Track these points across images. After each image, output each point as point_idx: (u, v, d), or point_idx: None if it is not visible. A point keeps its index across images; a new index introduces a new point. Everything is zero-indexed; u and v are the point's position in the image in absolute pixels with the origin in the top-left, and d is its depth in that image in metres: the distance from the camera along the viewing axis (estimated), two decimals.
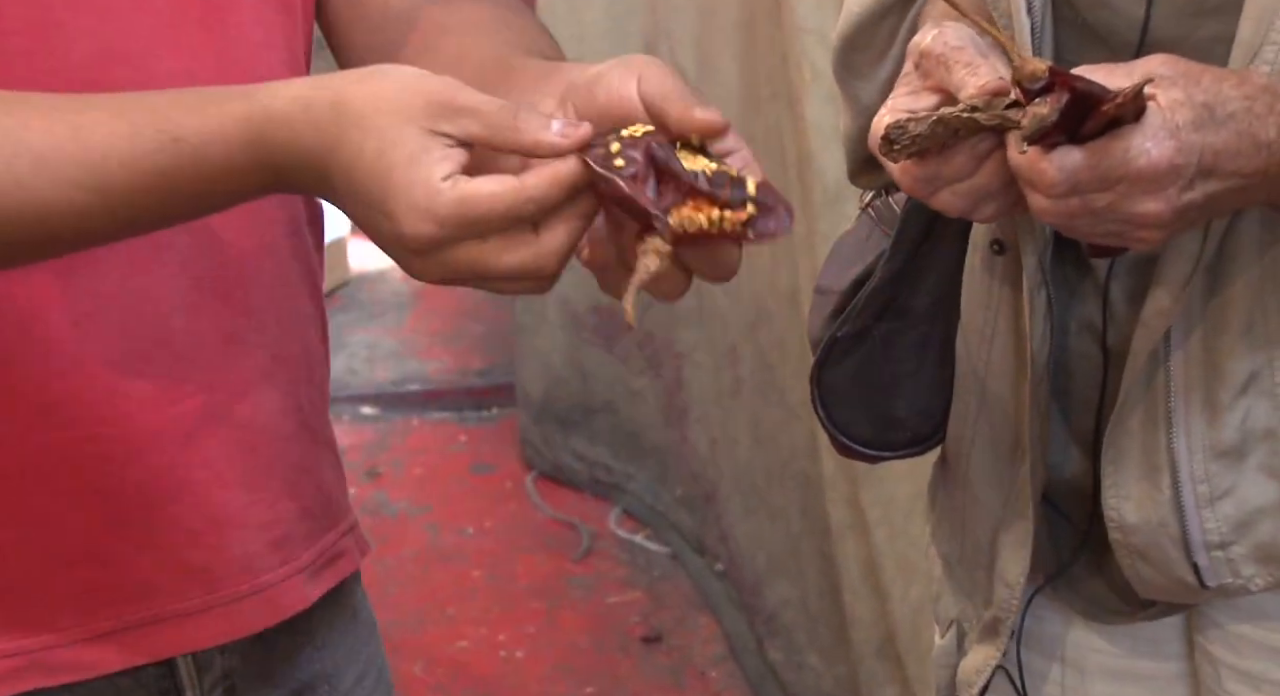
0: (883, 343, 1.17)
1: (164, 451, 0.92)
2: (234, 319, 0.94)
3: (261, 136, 0.78)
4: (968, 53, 0.91)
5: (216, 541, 0.95)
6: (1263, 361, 1.00)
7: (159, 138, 0.78)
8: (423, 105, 0.75)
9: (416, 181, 0.74)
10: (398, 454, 3.39)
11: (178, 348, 0.92)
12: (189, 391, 0.93)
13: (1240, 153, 0.88)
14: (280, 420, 0.98)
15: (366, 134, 0.75)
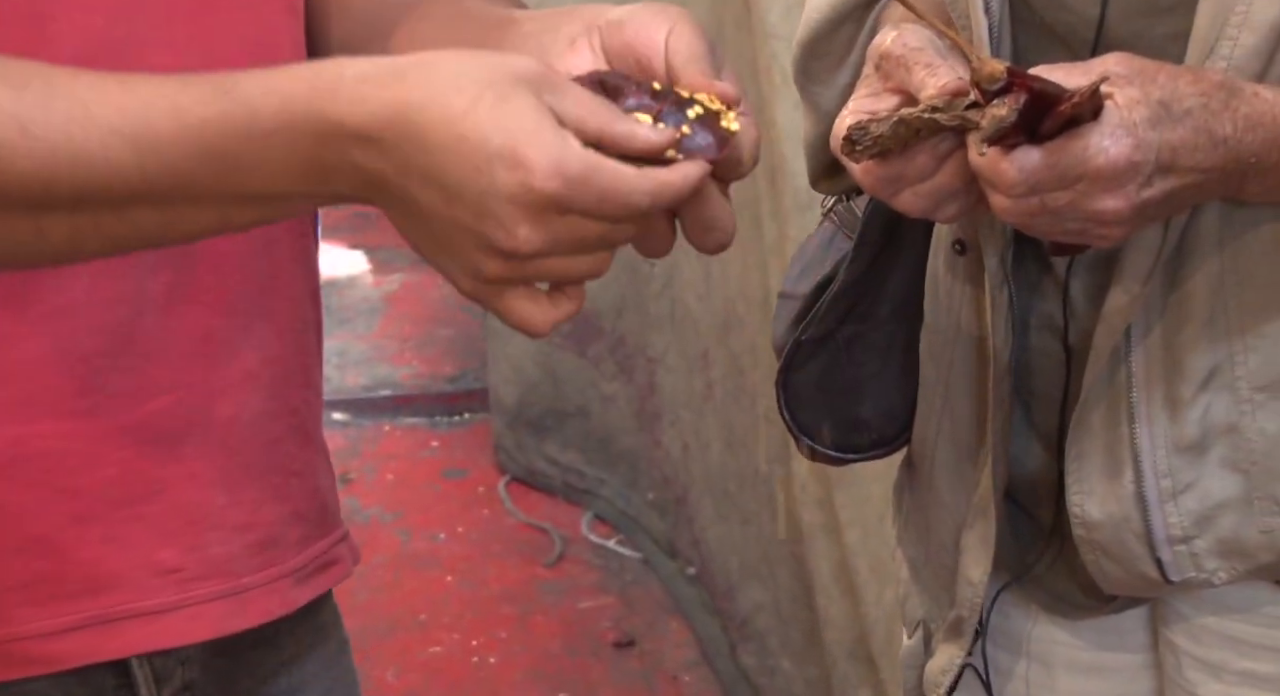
0: (846, 345, 1.18)
1: (136, 449, 0.91)
2: (211, 319, 0.93)
3: (328, 91, 0.73)
4: (927, 54, 0.92)
5: (191, 541, 0.94)
6: (1223, 356, 1.00)
7: (205, 88, 0.74)
8: (522, 72, 0.73)
9: (549, 134, 0.71)
10: (369, 460, 3.38)
11: (150, 346, 0.91)
12: (162, 390, 0.92)
13: (1198, 148, 0.89)
14: (268, 422, 0.97)
15: (482, 87, 0.72)
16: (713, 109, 0.78)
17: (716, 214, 0.79)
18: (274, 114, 0.74)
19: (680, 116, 0.77)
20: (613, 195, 0.72)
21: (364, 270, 4.13)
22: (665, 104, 0.78)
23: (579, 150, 0.72)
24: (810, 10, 1.14)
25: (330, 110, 0.73)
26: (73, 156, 0.74)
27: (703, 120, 0.77)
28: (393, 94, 0.73)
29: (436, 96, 0.72)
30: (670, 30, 0.81)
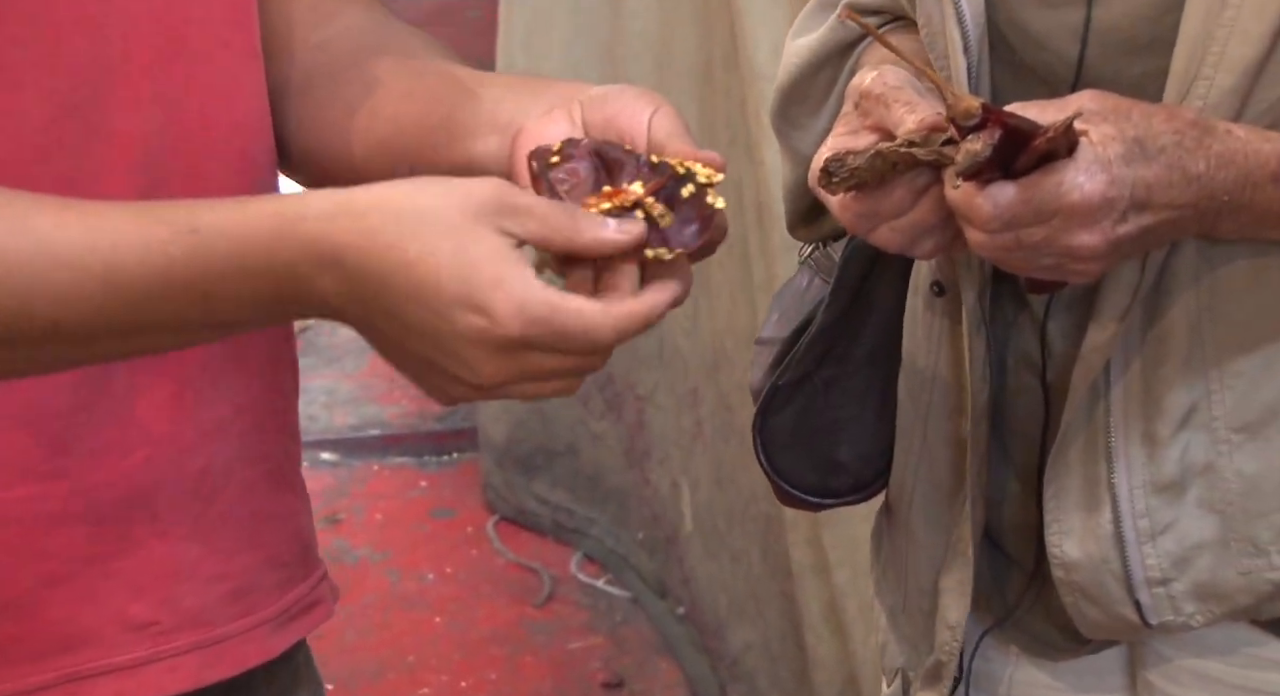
0: (824, 388, 1.18)
1: (107, 508, 0.90)
2: (183, 373, 0.92)
3: (290, 228, 0.75)
4: (907, 92, 0.93)
5: (164, 595, 0.93)
6: (1201, 394, 1.00)
7: (171, 228, 0.76)
8: (480, 204, 0.75)
9: (508, 276, 0.73)
10: (358, 500, 3.37)
11: (120, 403, 0.90)
12: (133, 446, 0.91)
13: (1172, 185, 0.89)
14: (242, 469, 0.96)
15: (440, 232, 0.74)
16: (702, 183, 0.80)
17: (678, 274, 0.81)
18: (240, 256, 0.75)
19: (674, 194, 0.80)
20: (577, 334, 0.74)
21: None
22: (664, 178, 0.80)
23: (540, 293, 0.74)
24: (789, 56, 1.14)
25: (295, 256, 0.75)
26: (43, 292, 0.76)
27: (693, 201, 0.80)
28: (352, 240, 0.74)
29: (395, 242, 0.74)
30: (655, 110, 0.83)
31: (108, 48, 0.88)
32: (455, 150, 0.91)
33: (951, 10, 0.99)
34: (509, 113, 0.89)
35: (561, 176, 0.81)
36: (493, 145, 0.90)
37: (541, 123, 0.87)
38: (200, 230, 0.76)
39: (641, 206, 0.79)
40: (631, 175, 0.81)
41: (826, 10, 1.14)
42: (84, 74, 0.87)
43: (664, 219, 0.79)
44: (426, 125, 0.93)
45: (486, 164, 0.90)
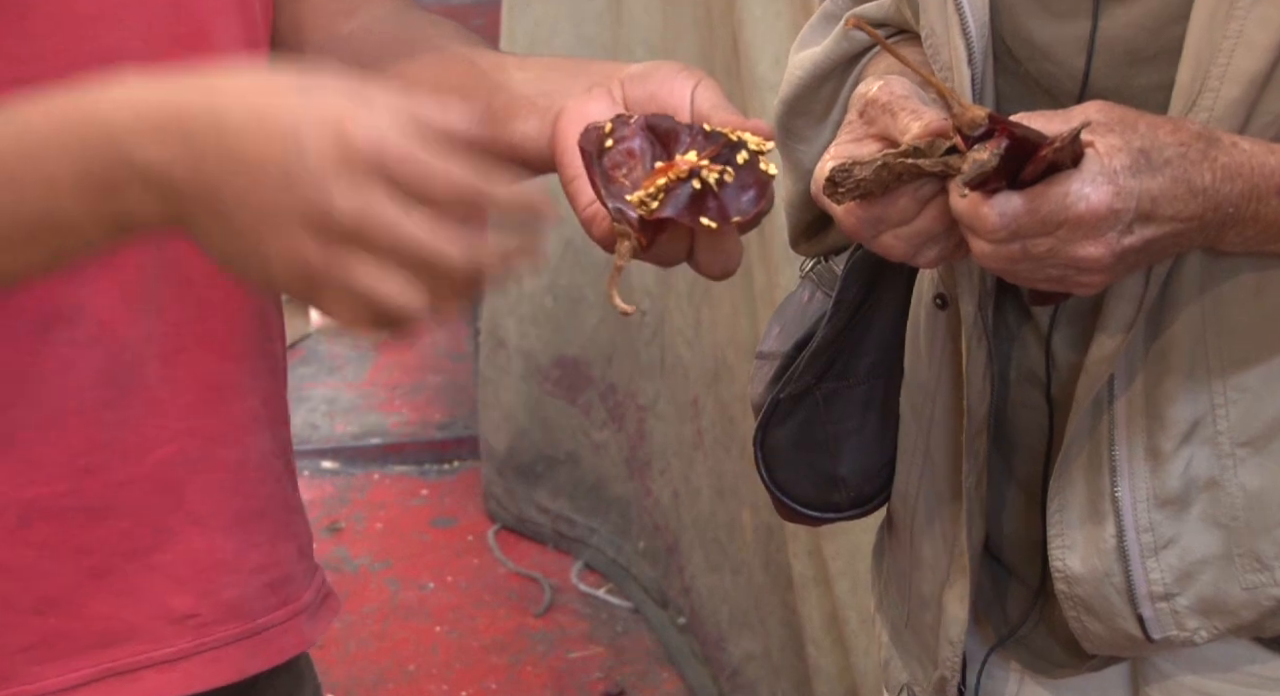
0: (825, 402, 1.17)
1: (147, 499, 0.91)
2: (219, 365, 0.93)
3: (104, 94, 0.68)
4: (912, 101, 0.93)
5: (206, 586, 0.94)
6: (1205, 408, 1.00)
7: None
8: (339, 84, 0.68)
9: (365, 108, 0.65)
10: (358, 508, 3.36)
11: (154, 396, 0.91)
12: (168, 438, 0.92)
13: (1177, 197, 0.89)
14: (271, 461, 0.98)
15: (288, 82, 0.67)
16: (755, 150, 0.80)
17: (729, 243, 0.81)
18: (44, 122, 0.69)
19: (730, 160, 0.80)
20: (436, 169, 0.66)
21: None
22: (718, 145, 0.80)
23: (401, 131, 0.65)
24: (793, 68, 1.14)
25: (106, 110, 0.68)
26: None
27: (749, 165, 0.80)
28: (176, 85, 0.68)
29: (230, 85, 0.67)
30: (697, 83, 0.84)
31: (130, 43, 0.88)
32: (494, 133, 0.91)
33: (956, 21, 0.99)
34: (547, 94, 0.89)
35: (618, 159, 0.81)
36: (533, 127, 0.89)
37: (582, 101, 0.86)
38: (5, 110, 0.71)
39: (698, 174, 0.79)
40: (686, 145, 0.81)
41: (830, 23, 1.14)
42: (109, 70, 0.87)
43: (726, 174, 0.79)
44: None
45: (527, 146, 0.89)
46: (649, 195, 0.79)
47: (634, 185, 0.81)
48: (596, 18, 2.72)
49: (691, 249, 0.83)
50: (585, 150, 0.82)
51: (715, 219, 0.79)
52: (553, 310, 2.98)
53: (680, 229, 0.81)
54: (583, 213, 0.85)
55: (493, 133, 0.90)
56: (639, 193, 0.80)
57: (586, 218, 0.85)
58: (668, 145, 0.81)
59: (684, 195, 0.79)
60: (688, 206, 0.79)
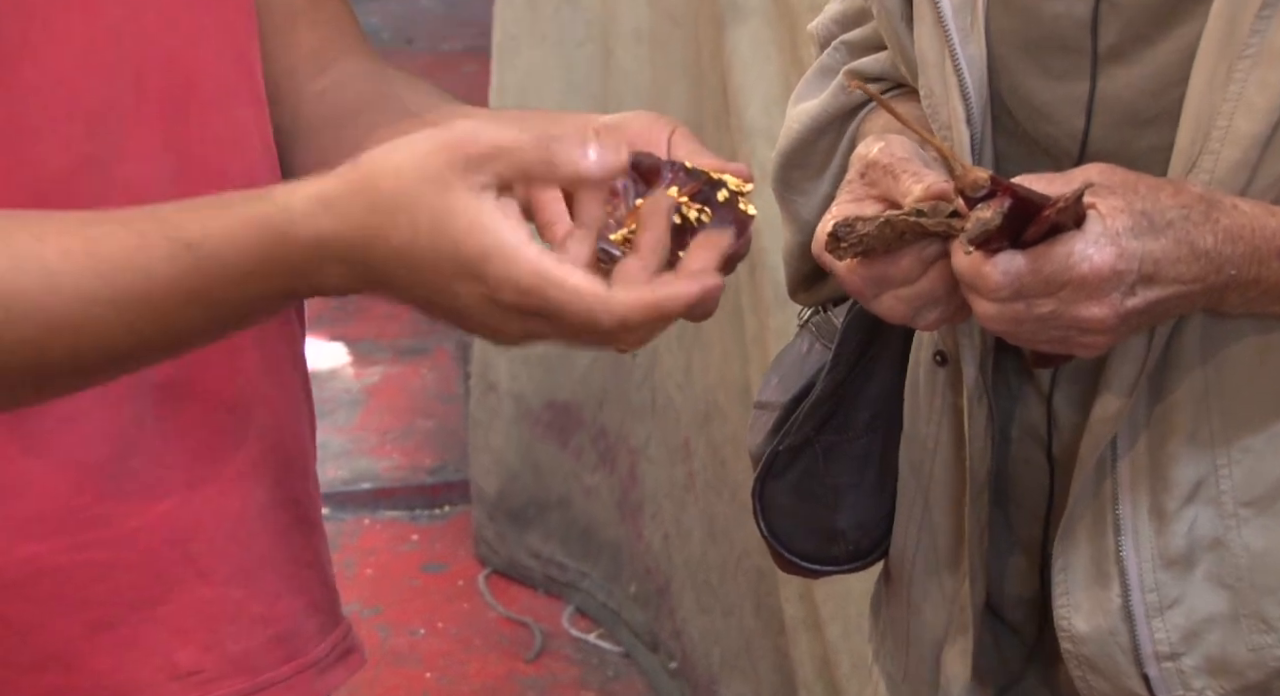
0: (824, 455, 1.17)
1: (149, 552, 0.91)
2: (215, 415, 0.93)
3: (283, 238, 0.74)
4: (913, 163, 0.93)
5: (209, 639, 0.93)
6: (1208, 468, 1.00)
7: (170, 245, 0.76)
8: (446, 163, 0.72)
9: (492, 245, 0.71)
10: (349, 554, 3.35)
11: (154, 448, 0.91)
12: (170, 490, 0.91)
13: (1180, 259, 0.89)
14: (275, 512, 0.97)
15: (415, 208, 0.72)
16: (735, 190, 0.81)
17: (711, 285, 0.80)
18: (238, 263, 0.75)
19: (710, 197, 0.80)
20: (574, 314, 0.72)
21: (345, 362, 4.12)
22: (699, 182, 0.81)
23: (529, 262, 0.71)
24: (790, 121, 1.15)
25: (295, 258, 0.74)
26: (59, 328, 0.76)
27: (728, 204, 0.80)
28: (342, 234, 0.74)
29: (378, 230, 0.73)
30: (673, 131, 0.85)
31: (122, 96, 0.88)
32: None
33: (954, 82, 1.00)
34: None
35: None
36: None
37: None
38: (195, 245, 0.75)
39: (678, 210, 0.79)
40: (668, 181, 0.81)
41: (827, 76, 1.14)
42: (101, 122, 0.88)
43: (704, 214, 0.79)
44: None
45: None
46: (631, 232, 0.80)
47: (618, 224, 0.81)
48: (586, 65, 2.74)
49: None
50: (566, 193, 0.82)
51: None
52: (543, 353, 2.98)
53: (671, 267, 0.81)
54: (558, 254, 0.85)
55: None
56: (622, 231, 0.80)
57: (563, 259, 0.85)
58: (650, 182, 0.82)
59: None
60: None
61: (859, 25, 1.14)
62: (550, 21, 2.72)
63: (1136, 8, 0.96)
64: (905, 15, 1.04)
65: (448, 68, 5.55)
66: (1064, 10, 0.98)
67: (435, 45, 6.00)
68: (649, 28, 2.54)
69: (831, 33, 1.16)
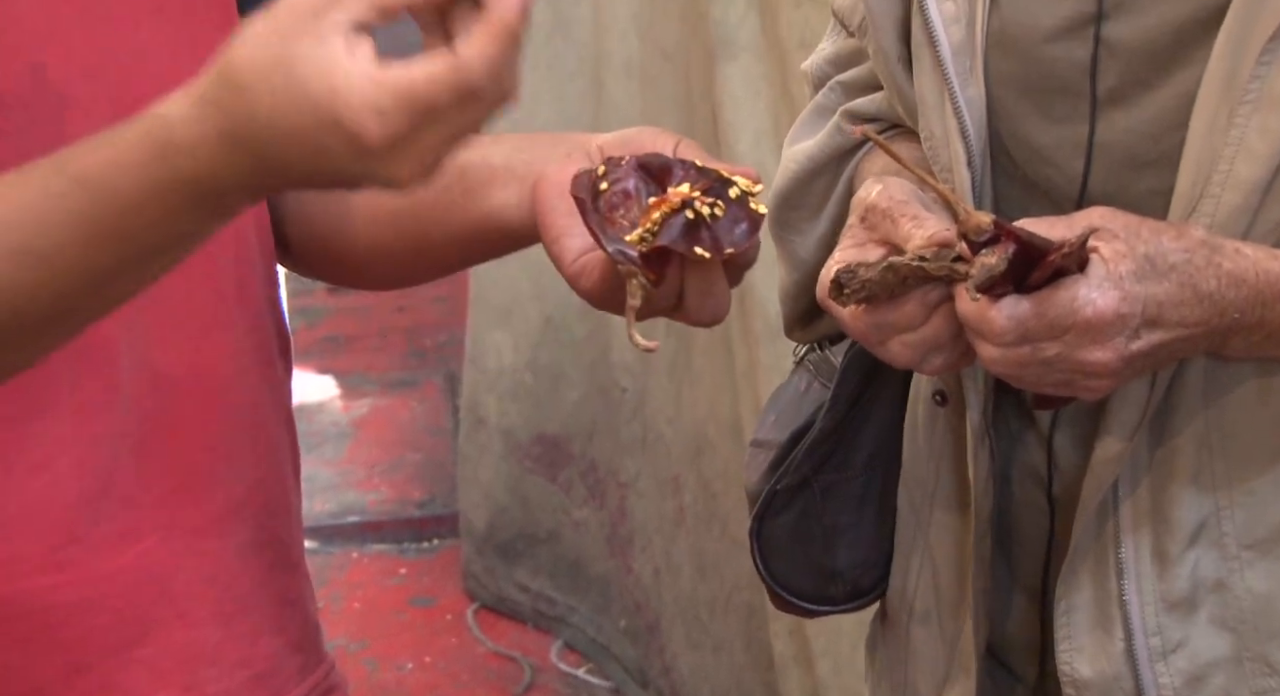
0: (822, 494, 1.17)
1: (128, 593, 0.90)
2: (193, 455, 0.92)
3: (166, 149, 0.71)
4: (913, 207, 0.93)
5: (187, 681, 0.92)
6: (1210, 511, 0.99)
7: (64, 184, 0.73)
8: (289, 16, 0.69)
9: (338, 85, 0.68)
10: (336, 588, 3.34)
11: (131, 488, 0.90)
12: (148, 530, 0.90)
13: (1183, 303, 0.90)
14: (256, 552, 0.96)
15: (268, 73, 0.69)
16: (746, 190, 0.80)
17: (717, 282, 0.80)
18: (135, 186, 0.72)
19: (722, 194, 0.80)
20: (448, 99, 0.68)
21: (333, 395, 4.12)
22: (711, 181, 0.81)
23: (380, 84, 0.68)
24: (787, 161, 1.15)
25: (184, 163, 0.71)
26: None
27: (740, 202, 0.80)
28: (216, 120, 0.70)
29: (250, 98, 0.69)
30: (679, 141, 0.84)
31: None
32: (471, 205, 0.91)
33: (954, 124, 1.00)
34: (526, 163, 0.89)
35: (614, 201, 0.81)
36: (512, 194, 0.90)
37: (562, 166, 0.86)
38: (85, 179, 0.73)
39: (691, 205, 0.79)
40: (679, 178, 0.81)
41: (823, 116, 1.14)
42: None
43: (717, 207, 0.79)
44: (440, 188, 0.92)
45: (506, 214, 0.90)
46: (646, 231, 0.80)
47: (632, 225, 0.81)
48: (578, 96, 2.74)
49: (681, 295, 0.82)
50: (579, 198, 0.81)
51: (709, 249, 0.79)
52: (533, 387, 2.97)
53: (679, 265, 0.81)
54: (570, 268, 0.84)
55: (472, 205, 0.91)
56: (637, 231, 0.80)
57: (574, 272, 0.84)
58: (662, 181, 0.82)
59: (678, 226, 0.79)
60: (682, 236, 0.79)
61: (853, 66, 1.14)
62: (542, 52, 2.72)
63: (1135, 52, 0.96)
64: (903, 58, 1.04)
65: None
66: (1063, 54, 0.99)
67: None
68: (640, 61, 2.55)
69: (826, 73, 1.16)
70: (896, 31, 1.04)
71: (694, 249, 0.79)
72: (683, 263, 0.81)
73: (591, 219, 0.81)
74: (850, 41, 1.13)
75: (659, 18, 2.46)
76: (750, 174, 0.82)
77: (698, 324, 0.83)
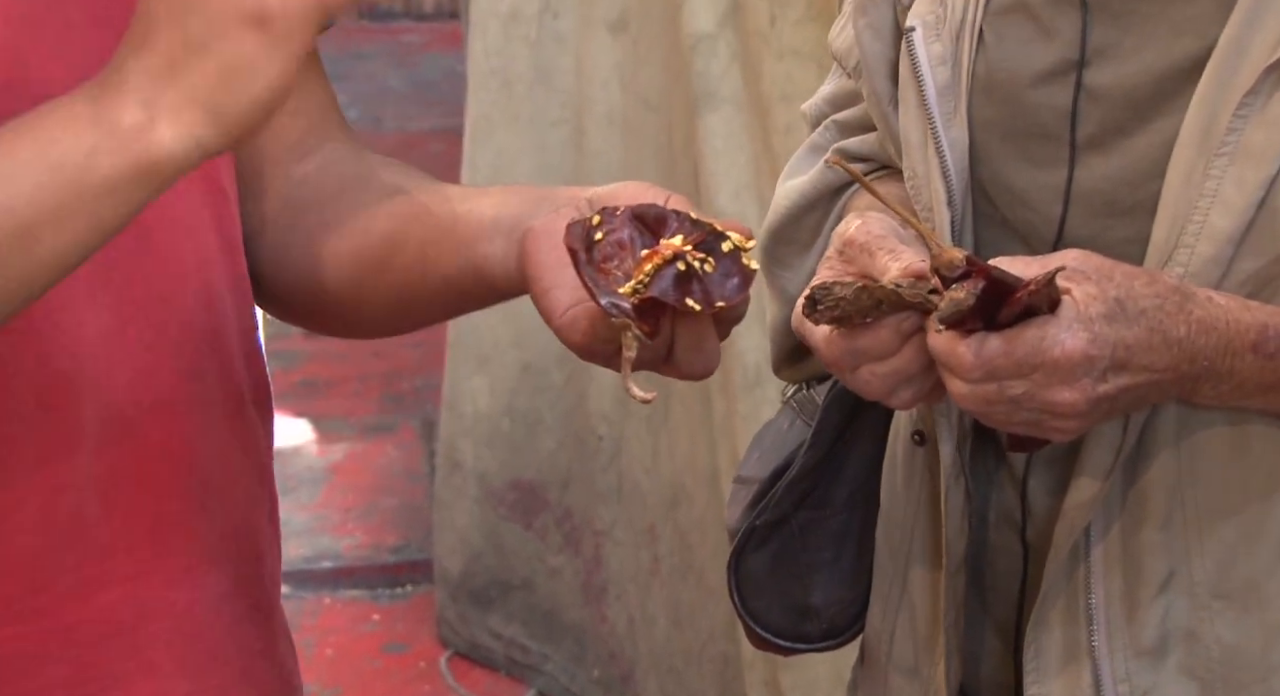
0: (801, 531, 1.17)
1: (89, 645, 0.88)
2: (163, 505, 0.91)
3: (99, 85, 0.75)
4: (890, 241, 0.94)
5: None
6: (1180, 559, 1.00)
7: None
8: None
9: None
10: (308, 634, 3.31)
11: (96, 538, 0.89)
12: (112, 581, 0.89)
13: (1152, 348, 0.90)
14: (228, 603, 0.94)
15: None
16: (738, 246, 0.82)
17: (707, 336, 0.81)
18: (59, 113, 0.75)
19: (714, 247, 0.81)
20: None
21: (309, 439, 4.10)
22: (704, 234, 0.81)
23: None
24: (779, 197, 1.16)
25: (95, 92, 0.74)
26: None
27: (732, 256, 0.81)
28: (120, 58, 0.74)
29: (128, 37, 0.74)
30: (668, 197, 0.84)
31: None
32: (459, 256, 0.91)
33: (936, 164, 1.01)
34: (513, 216, 0.90)
35: (609, 251, 0.82)
36: (499, 247, 0.90)
37: (551, 219, 0.87)
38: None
39: (683, 258, 0.80)
40: (673, 230, 0.82)
41: (817, 153, 1.16)
42: None
43: (707, 264, 0.80)
44: (426, 239, 0.93)
45: (492, 266, 0.90)
46: (639, 282, 0.80)
47: (626, 276, 0.81)
48: (560, 146, 2.76)
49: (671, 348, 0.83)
50: (573, 249, 0.82)
51: (700, 302, 0.80)
52: (509, 433, 2.97)
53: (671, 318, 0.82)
54: (559, 320, 0.84)
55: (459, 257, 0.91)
56: (630, 283, 0.81)
57: (563, 324, 0.84)
58: (656, 232, 0.82)
59: (669, 277, 0.80)
60: (673, 288, 0.80)
61: (850, 106, 1.15)
62: (524, 102, 2.74)
63: (1116, 100, 0.98)
64: (893, 98, 1.05)
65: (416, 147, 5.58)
66: (1045, 99, 1.00)
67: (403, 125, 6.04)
68: (622, 111, 2.56)
69: (823, 112, 1.18)
70: (888, 73, 1.05)
71: (685, 300, 0.80)
72: (674, 315, 0.81)
73: (585, 271, 0.81)
74: (848, 82, 1.15)
75: (642, 68, 2.48)
76: (743, 230, 0.82)
77: (688, 377, 0.83)
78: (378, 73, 6.66)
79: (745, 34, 2.10)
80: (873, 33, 1.05)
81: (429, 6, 7.47)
